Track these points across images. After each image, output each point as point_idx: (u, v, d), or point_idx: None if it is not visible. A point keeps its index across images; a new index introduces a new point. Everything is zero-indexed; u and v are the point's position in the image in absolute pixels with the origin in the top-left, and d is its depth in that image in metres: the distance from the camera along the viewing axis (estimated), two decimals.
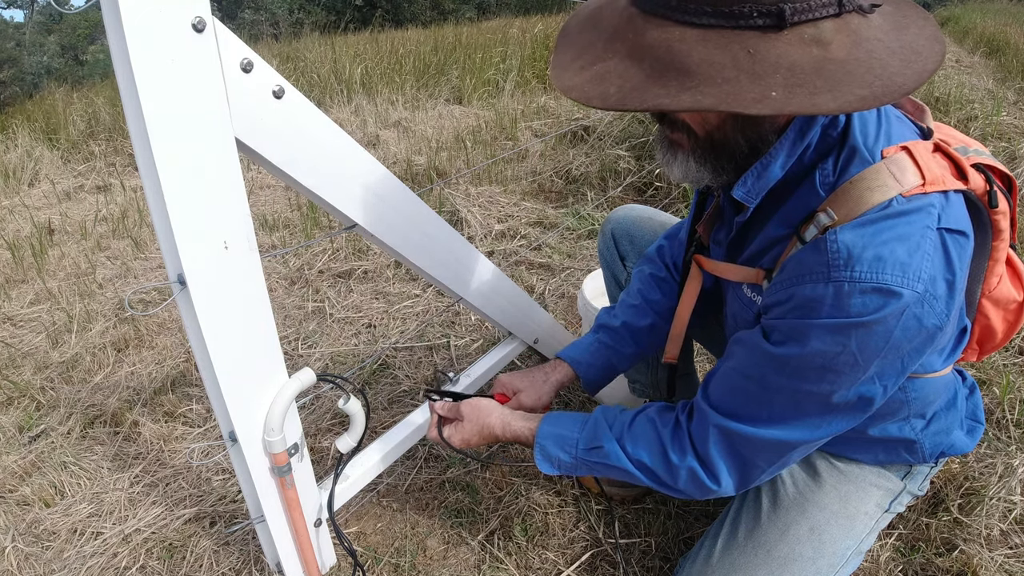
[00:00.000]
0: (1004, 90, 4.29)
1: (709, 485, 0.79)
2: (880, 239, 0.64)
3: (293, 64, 5.71)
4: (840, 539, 0.89)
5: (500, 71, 5.32)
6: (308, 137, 0.84)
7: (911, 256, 0.63)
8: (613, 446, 0.85)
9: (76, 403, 1.70)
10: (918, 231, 0.64)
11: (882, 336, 0.65)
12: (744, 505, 0.97)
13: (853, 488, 0.92)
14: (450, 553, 1.21)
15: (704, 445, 0.78)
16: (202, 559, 1.22)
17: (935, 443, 0.90)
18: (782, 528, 0.90)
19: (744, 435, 0.75)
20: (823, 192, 0.70)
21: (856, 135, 0.68)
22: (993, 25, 8.33)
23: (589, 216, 2.64)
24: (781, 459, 0.77)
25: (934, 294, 0.64)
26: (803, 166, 0.71)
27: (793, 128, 0.69)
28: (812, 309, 0.67)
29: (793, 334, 0.69)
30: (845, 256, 0.64)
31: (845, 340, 0.65)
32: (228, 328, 0.79)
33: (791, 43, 0.54)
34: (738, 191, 0.73)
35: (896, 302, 0.63)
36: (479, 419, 0.97)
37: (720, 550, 0.93)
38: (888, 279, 0.62)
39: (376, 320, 2.03)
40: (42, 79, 13.40)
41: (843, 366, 0.67)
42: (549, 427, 0.92)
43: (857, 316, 0.64)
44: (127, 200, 3.44)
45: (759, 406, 0.75)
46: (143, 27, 0.60)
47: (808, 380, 0.70)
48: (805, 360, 0.68)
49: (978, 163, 0.76)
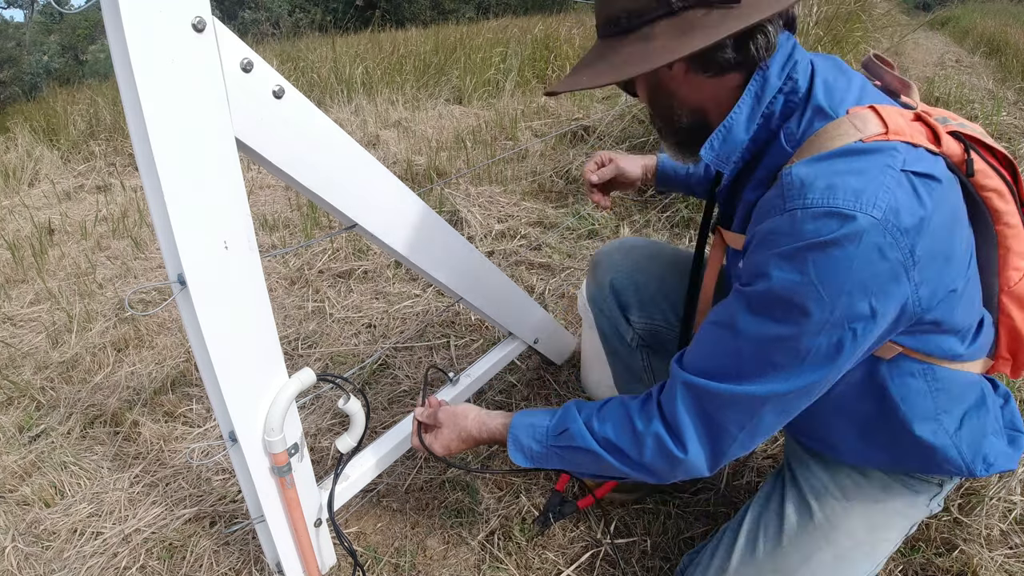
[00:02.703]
0: (1004, 90, 4.29)
1: (675, 452, 0.75)
2: (833, 170, 0.65)
3: (293, 64, 5.71)
4: (861, 566, 0.87)
5: (500, 71, 5.32)
6: (308, 137, 0.84)
7: (865, 185, 0.63)
8: (579, 427, 0.83)
9: (76, 403, 1.70)
10: (876, 167, 0.64)
11: (841, 263, 0.63)
12: (765, 515, 0.94)
13: (883, 518, 0.89)
14: (450, 553, 1.21)
15: (671, 406, 0.76)
16: (202, 559, 1.22)
17: (973, 449, 0.82)
18: (805, 554, 0.87)
19: (712, 391, 0.72)
20: (789, 148, 0.73)
21: (819, 96, 0.72)
22: (993, 25, 8.33)
23: (589, 216, 2.64)
24: (752, 420, 0.73)
25: (896, 225, 0.62)
26: (770, 131, 0.75)
27: (748, 94, 0.73)
28: (771, 241, 0.67)
29: (756, 270, 0.69)
30: (798, 186, 0.66)
31: (803, 266, 0.64)
32: (228, 328, 0.79)
33: (680, 20, 0.69)
34: (706, 153, 0.77)
35: (851, 224, 0.62)
36: (456, 423, 0.96)
37: (736, 564, 0.91)
38: (840, 203, 0.62)
39: (376, 320, 2.03)
40: (42, 79, 13.40)
41: (807, 299, 0.64)
42: (522, 418, 0.91)
43: (812, 237, 0.63)
44: (127, 200, 3.44)
45: (728, 358, 0.72)
46: (143, 27, 0.60)
47: (775, 320, 0.67)
48: (769, 294, 0.67)
49: (956, 131, 0.74)
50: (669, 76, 0.76)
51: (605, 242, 2.49)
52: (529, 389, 1.64)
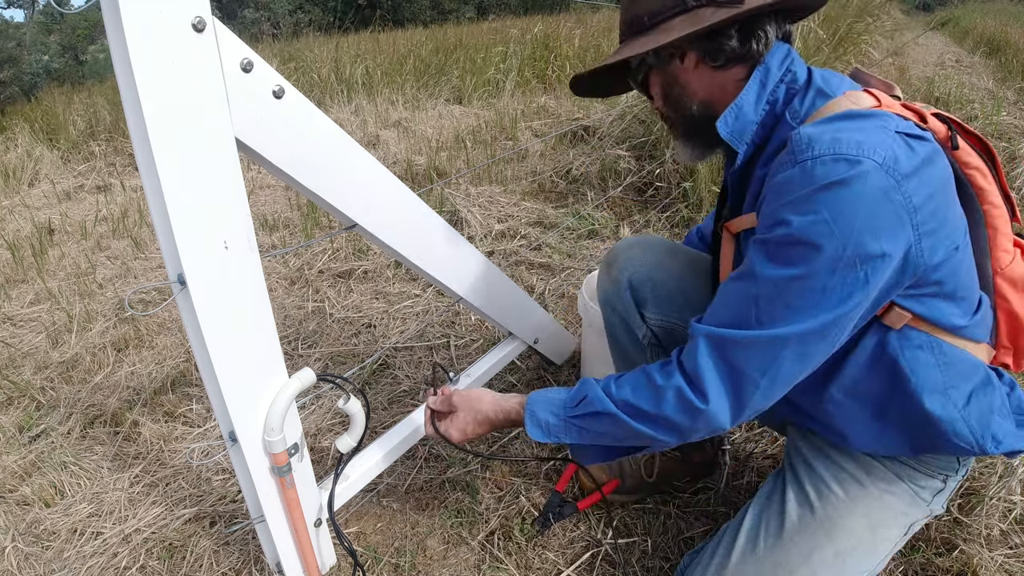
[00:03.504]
0: (1004, 90, 4.29)
1: (696, 403, 0.76)
2: (836, 127, 0.72)
3: (293, 64, 5.71)
4: (862, 564, 0.88)
5: (500, 71, 5.32)
6: (308, 137, 0.84)
7: (867, 137, 0.69)
8: (597, 392, 0.85)
9: (76, 403, 1.70)
10: (874, 126, 0.71)
11: (851, 202, 0.68)
12: (766, 513, 0.94)
13: (884, 515, 0.89)
14: (450, 553, 1.21)
15: (692, 359, 0.78)
16: (202, 559, 1.22)
17: (982, 424, 0.82)
18: (806, 551, 0.88)
19: (732, 338, 0.75)
20: (795, 124, 0.80)
21: (818, 81, 0.81)
22: (993, 25, 8.34)
23: (589, 216, 2.64)
24: (774, 364, 0.74)
25: (897, 169, 0.68)
26: (777, 116, 0.83)
27: (754, 80, 0.82)
28: (785, 191, 0.72)
29: (772, 218, 0.73)
30: (806, 141, 0.71)
31: (816, 206, 0.69)
32: (228, 328, 0.79)
33: (696, 13, 0.80)
34: (722, 127, 0.84)
35: (858, 166, 0.68)
36: (472, 407, 0.97)
37: (736, 561, 0.91)
38: (845, 150, 0.69)
39: (376, 320, 2.03)
40: (42, 79, 13.39)
41: (822, 236, 0.69)
42: (539, 394, 0.93)
43: (823, 179, 0.69)
44: (127, 200, 3.44)
45: (747, 307, 0.75)
46: (143, 27, 0.60)
47: (791, 263, 0.71)
48: (786, 238, 0.71)
49: (938, 113, 0.82)
50: (681, 68, 0.86)
51: (605, 242, 2.49)
52: (529, 389, 1.64)
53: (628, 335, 1.16)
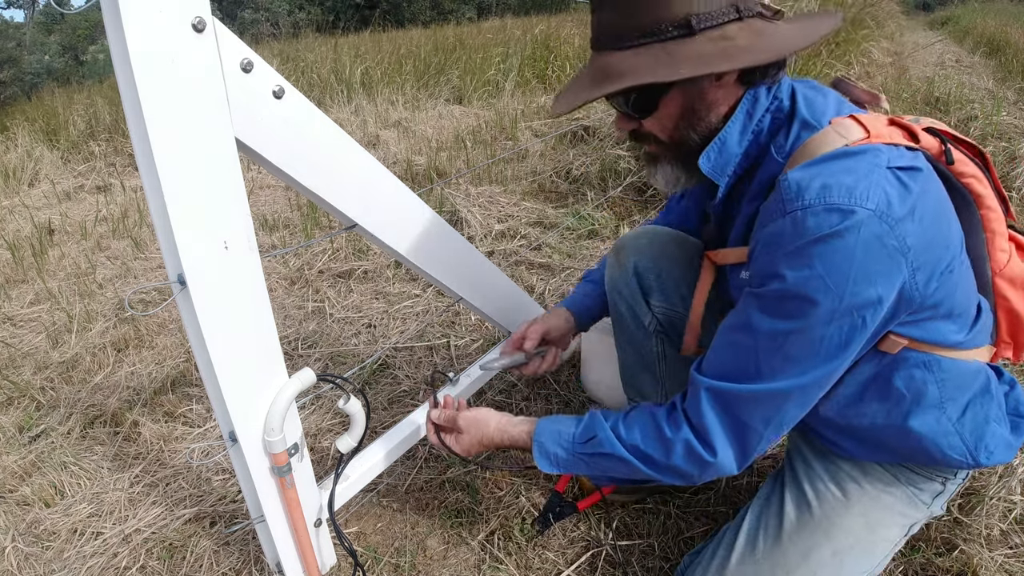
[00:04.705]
0: (1004, 90, 4.29)
1: (705, 456, 0.78)
2: (826, 171, 0.69)
3: (293, 64, 5.71)
4: (860, 564, 0.88)
5: (500, 71, 5.32)
6: (308, 137, 0.84)
7: (857, 182, 0.67)
8: (607, 434, 0.86)
9: (76, 403, 1.70)
10: (865, 166, 0.69)
11: (844, 253, 0.66)
12: (765, 514, 0.94)
13: (882, 515, 0.90)
14: (450, 553, 1.21)
15: (697, 413, 0.78)
16: (202, 559, 1.22)
17: (975, 435, 0.83)
18: (804, 551, 0.88)
19: (736, 393, 0.76)
20: (781, 159, 0.78)
21: (803, 111, 0.77)
22: (993, 25, 8.33)
23: (589, 216, 2.64)
24: (777, 416, 0.76)
25: (891, 215, 0.66)
26: (761, 146, 0.80)
27: (740, 111, 0.79)
28: (777, 244, 0.71)
29: (766, 272, 0.72)
30: (795, 189, 0.69)
31: (810, 260, 0.68)
32: (228, 328, 0.79)
33: (702, 42, 0.71)
34: (703, 163, 0.81)
35: (851, 217, 0.66)
36: (478, 430, 0.99)
37: (736, 562, 0.91)
38: (836, 199, 0.66)
39: (376, 320, 2.03)
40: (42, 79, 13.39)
41: (818, 292, 0.68)
42: (547, 424, 0.93)
43: (815, 233, 0.67)
44: (127, 200, 3.44)
45: (747, 359, 0.75)
46: (143, 27, 0.60)
47: (788, 316, 0.71)
48: (781, 292, 0.71)
49: (930, 127, 0.80)
50: (715, 85, 0.77)
51: (605, 242, 2.49)
52: (529, 389, 1.64)
53: (634, 321, 1.17)
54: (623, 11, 0.73)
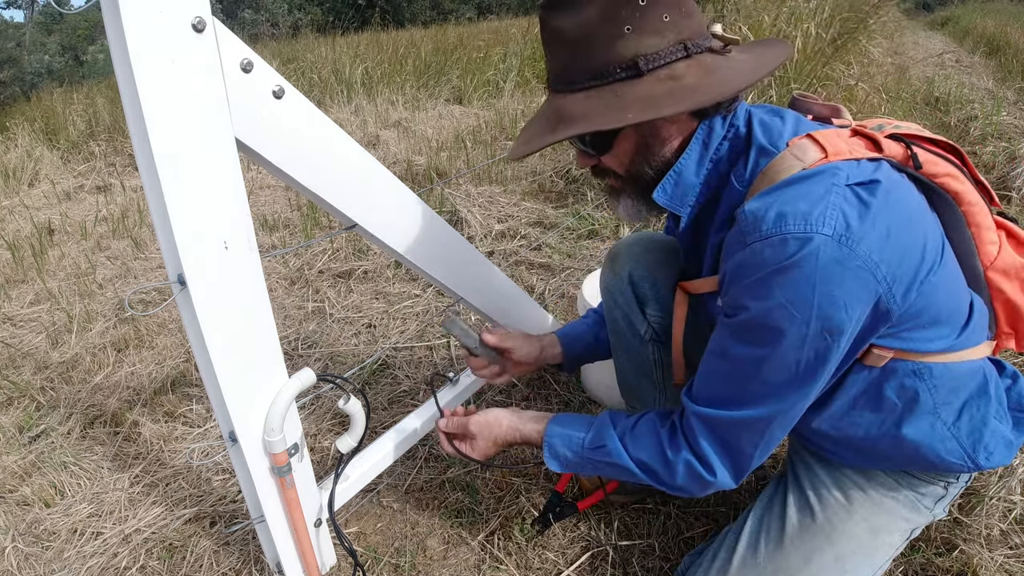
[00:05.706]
0: (1004, 90, 4.30)
1: (706, 477, 0.81)
2: (781, 199, 0.69)
3: (294, 65, 5.71)
4: (862, 568, 0.88)
5: (500, 71, 5.32)
6: (308, 137, 0.84)
7: (813, 207, 0.67)
8: (616, 444, 0.88)
9: (76, 403, 1.70)
10: (821, 188, 0.68)
11: (803, 281, 0.67)
12: (767, 517, 0.94)
13: (885, 520, 0.90)
14: (450, 553, 1.21)
15: (694, 438, 0.81)
16: (202, 559, 1.22)
17: (972, 437, 0.82)
18: (806, 555, 0.88)
19: (723, 420, 0.78)
20: (741, 188, 0.78)
21: (759, 137, 0.77)
22: (993, 25, 8.34)
23: (589, 216, 2.64)
24: (764, 437, 0.78)
25: (850, 236, 0.66)
26: (721, 175, 0.80)
27: (696, 142, 0.79)
28: (740, 275, 0.72)
29: (733, 303, 0.74)
30: (751, 220, 0.70)
31: (770, 291, 0.69)
32: (228, 328, 0.79)
33: (650, 83, 0.72)
34: (659, 196, 0.81)
35: (808, 245, 0.66)
36: (491, 432, 1.00)
37: (737, 565, 0.92)
38: (792, 228, 0.67)
39: (376, 320, 2.03)
40: (42, 79, 13.40)
41: (783, 321, 0.69)
42: (557, 427, 0.95)
43: (773, 264, 0.68)
44: (127, 200, 3.44)
45: (729, 386, 0.77)
46: (143, 27, 0.60)
47: (759, 344, 0.72)
48: (748, 322, 0.72)
49: (894, 133, 0.80)
50: (668, 120, 0.77)
51: (605, 242, 2.49)
52: (529, 389, 1.64)
53: (630, 329, 1.15)
54: (572, 54, 0.74)
